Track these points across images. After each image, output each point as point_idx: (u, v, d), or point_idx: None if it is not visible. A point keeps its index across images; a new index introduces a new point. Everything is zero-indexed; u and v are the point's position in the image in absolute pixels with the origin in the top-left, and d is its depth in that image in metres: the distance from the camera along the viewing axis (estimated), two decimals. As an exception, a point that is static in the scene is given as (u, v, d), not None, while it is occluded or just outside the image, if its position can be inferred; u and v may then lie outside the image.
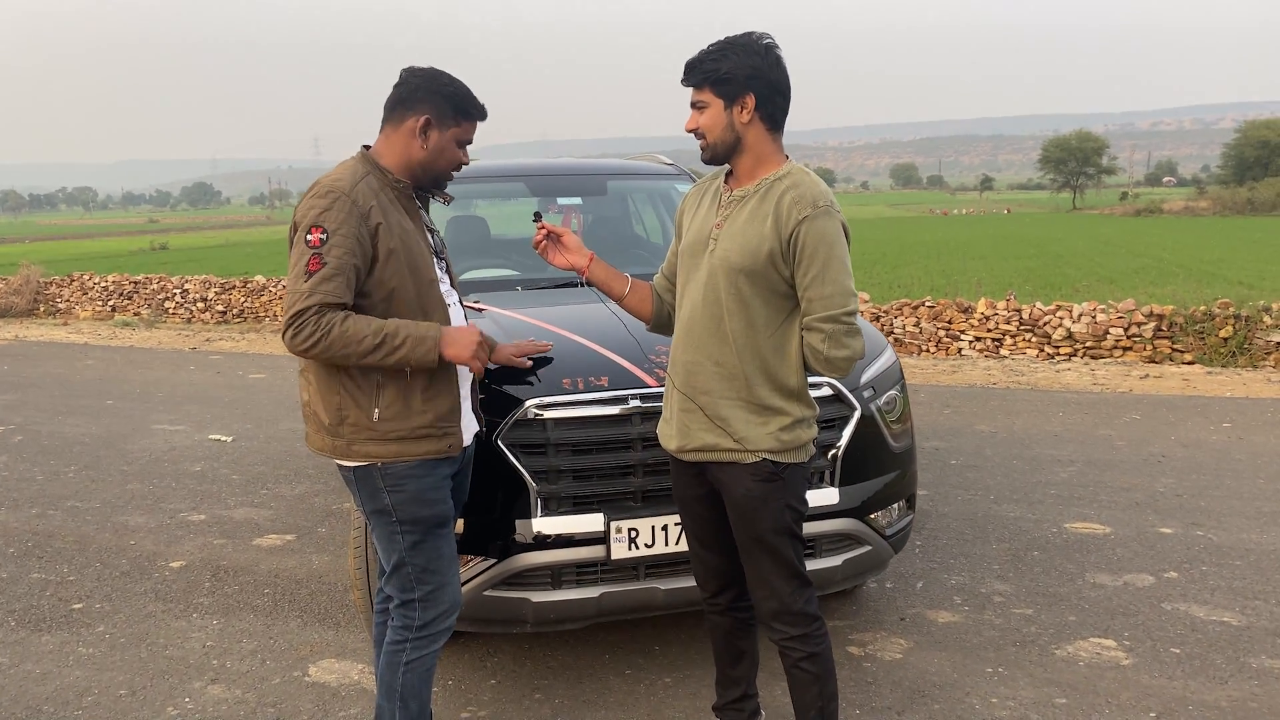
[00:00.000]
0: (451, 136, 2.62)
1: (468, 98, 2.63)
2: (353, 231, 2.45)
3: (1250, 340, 9.64)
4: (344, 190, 2.48)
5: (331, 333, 2.39)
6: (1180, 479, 5.74)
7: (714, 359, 2.56)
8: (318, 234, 2.43)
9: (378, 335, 2.42)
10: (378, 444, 2.54)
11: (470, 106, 2.64)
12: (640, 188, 5.55)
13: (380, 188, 2.56)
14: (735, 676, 2.97)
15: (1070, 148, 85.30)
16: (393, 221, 2.53)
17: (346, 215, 2.45)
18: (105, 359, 11.86)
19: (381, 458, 2.54)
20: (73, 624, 4.12)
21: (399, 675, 2.66)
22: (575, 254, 2.85)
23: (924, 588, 4.28)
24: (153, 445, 7.19)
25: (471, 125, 2.67)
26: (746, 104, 2.49)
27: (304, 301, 2.40)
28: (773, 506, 2.57)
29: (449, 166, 2.67)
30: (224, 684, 3.58)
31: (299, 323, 2.40)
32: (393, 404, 2.53)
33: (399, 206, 2.59)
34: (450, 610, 2.70)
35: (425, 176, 2.66)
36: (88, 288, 17.42)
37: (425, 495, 2.59)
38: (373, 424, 2.53)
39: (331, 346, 2.40)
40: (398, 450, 2.54)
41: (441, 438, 2.59)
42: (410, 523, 2.59)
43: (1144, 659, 3.58)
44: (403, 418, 2.53)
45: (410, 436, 2.54)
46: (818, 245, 2.45)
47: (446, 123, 2.60)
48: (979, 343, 10.82)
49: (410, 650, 2.66)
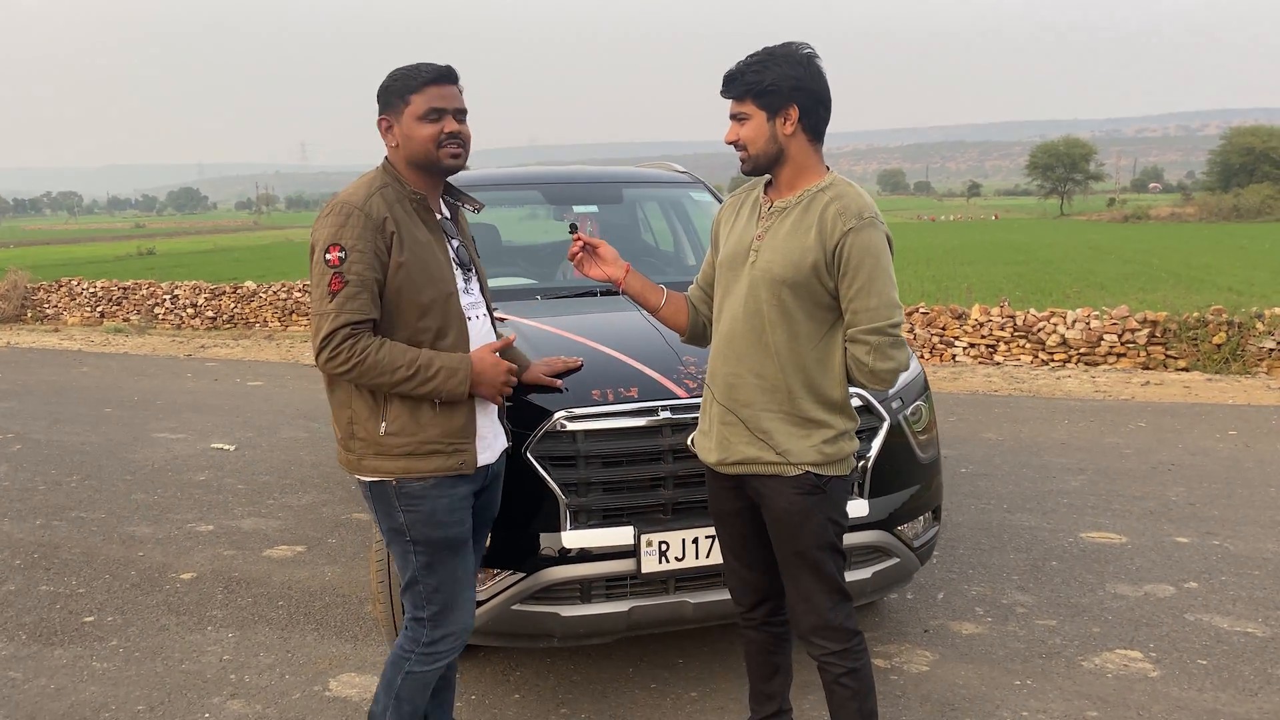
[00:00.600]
0: (409, 118, 2.51)
1: (405, 75, 2.52)
2: (370, 245, 2.43)
3: (1243, 347, 9.69)
4: (357, 204, 2.46)
5: (367, 360, 2.40)
6: (1191, 488, 5.74)
7: (756, 371, 2.53)
8: (336, 252, 2.42)
9: (411, 366, 2.43)
10: (385, 459, 2.51)
11: (409, 80, 2.51)
12: (655, 196, 5.52)
13: (398, 199, 2.53)
14: (769, 692, 2.94)
15: (1058, 154, 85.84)
16: (406, 233, 2.49)
17: (362, 229, 2.43)
18: (100, 366, 11.76)
19: (391, 474, 2.51)
20: (85, 638, 4.06)
21: (399, 678, 2.65)
22: (611, 266, 2.83)
23: (945, 599, 4.26)
24: (155, 454, 7.12)
25: (423, 95, 2.50)
26: (790, 116, 2.46)
27: (332, 323, 2.40)
28: (816, 520, 2.54)
29: (428, 145, 2.52)
30: (244, 699, 3.52)
31: (332, 346, 2.40)
32: (399, 418, 2.50)
33: (416, 218, 2.55)
34: (459, 633, 2.67)
35: (426, 169, 2.57)
36: (76, 293, 17.28)
37: (439, 517, 2.55)
38: (380, 439, 2.50)
39: (367, 373, 2.42)
40: (405, 466, 2.50)
41: (451, 454, 2.54)
42: (423, 543, 2.56)
43: (1171, 671, 3.56)
44: (409, 432, 2.50)
45: (417, 452, 2.51)
46: (863, 257, 2.42)
47: (397, 109, 2.53)
48: (973, 349, 10.85)
49: (415, 662, 2.64)
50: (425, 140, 2.52)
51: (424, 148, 2.52)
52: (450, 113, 2.53)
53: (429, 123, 2.51)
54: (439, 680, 2.79)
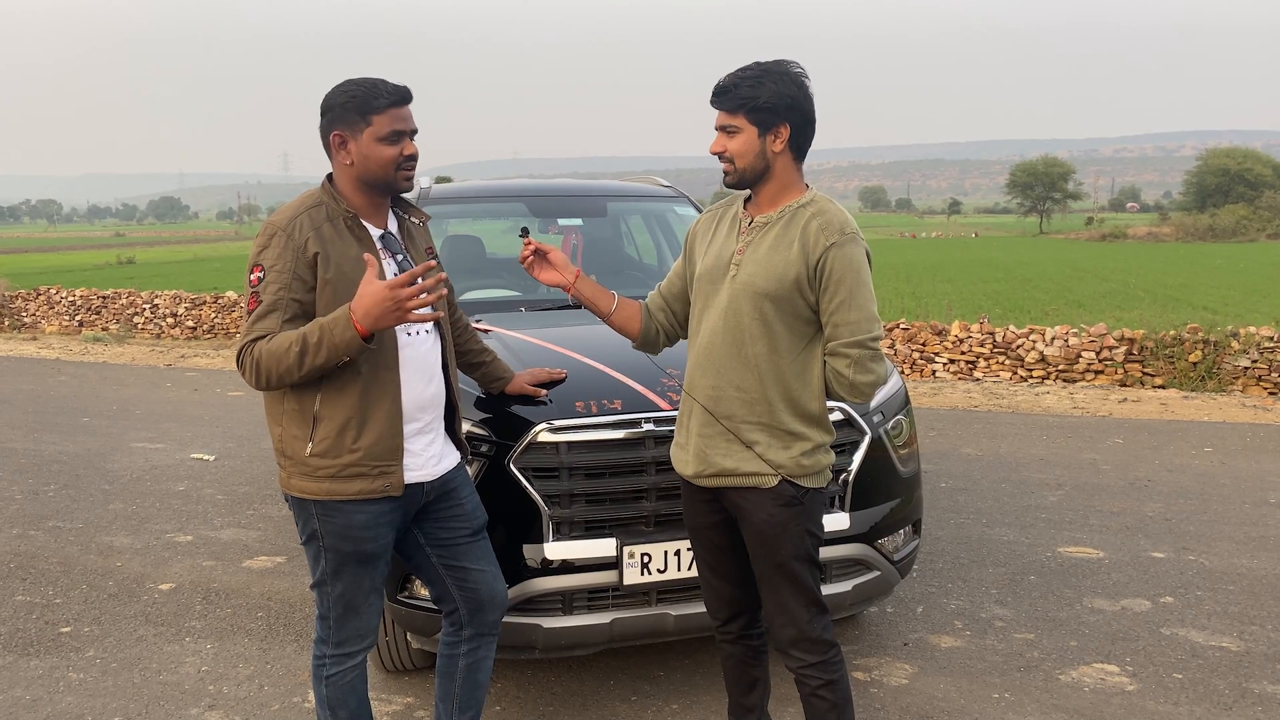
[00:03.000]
0: (369, 138, 2.47)
1: (365, 93, 2.47)
2: (288, 266, 2.43)
3: (1219, 365, 9.81)
4: (280, 226, 2.47)
5: (261, 358, 2.39)
6: (1168, 503, 5.80)
7: (735, 384, 2.55)
8: (257, 272, 2.46)
9: (298, 341, 2.37)
10: (310, 480, 2.52)
11: (371, 99, 2.47)
12: (639, 209, 5.55)
13: (328, 217, 2.51)
14: (748, 705, 2.95)
15: (1037, 173, 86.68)
16: (332, 252, 2.47)
17: (282, 250, 2.44)
18: (78, 375, 11.67)
19: (315, 495, 2.52)
20: (61, 648, 4.03)
21: (323, 688, 2.68)
22: (561, 270, 2.82)
23: (924, 612, 4.29)
24: (133, 464, 7.07)
25: (385, 116, 2.47)
26: (781, 134, 2.49)
27: (241, 340, 2.44)
28: (794, 532, 2.56)
29: (387, 167, 2.50)
30: (222, 710, 3.50)
31: (240, 359, 2.44)
32: (325, 439, 2.49)
33: (349, 235, 2.52)
34: (362, 637, 2.69)
35: (375, 188, 2.55)
36: (54, 302, 17.15)
37: (354, 532, 2.55)
38: (305, 459, 2.51)
39: (270, 371, 2.40)
40: (329, 489, 2.51)
41: (376, 477, 2.53)
42: (334, 551, 2.57)
43: (1148, 685, 3.60)
44: (333, 454, 2.49)
45: (340, 475, 2.50)
46: (845, 272, 2.46)
47: (356, 127, 2.48)
48: (953, 365, 10.94)
49: (330, 666, 2.67)
50: (386, 162, 2.50)
51: (384, 170, 2.51)
52: (408, 134, 2.54)
53: (389, 145, 2.50)
54: (458, 683, 2.84)
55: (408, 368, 2.59)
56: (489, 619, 2.84)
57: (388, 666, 3.69)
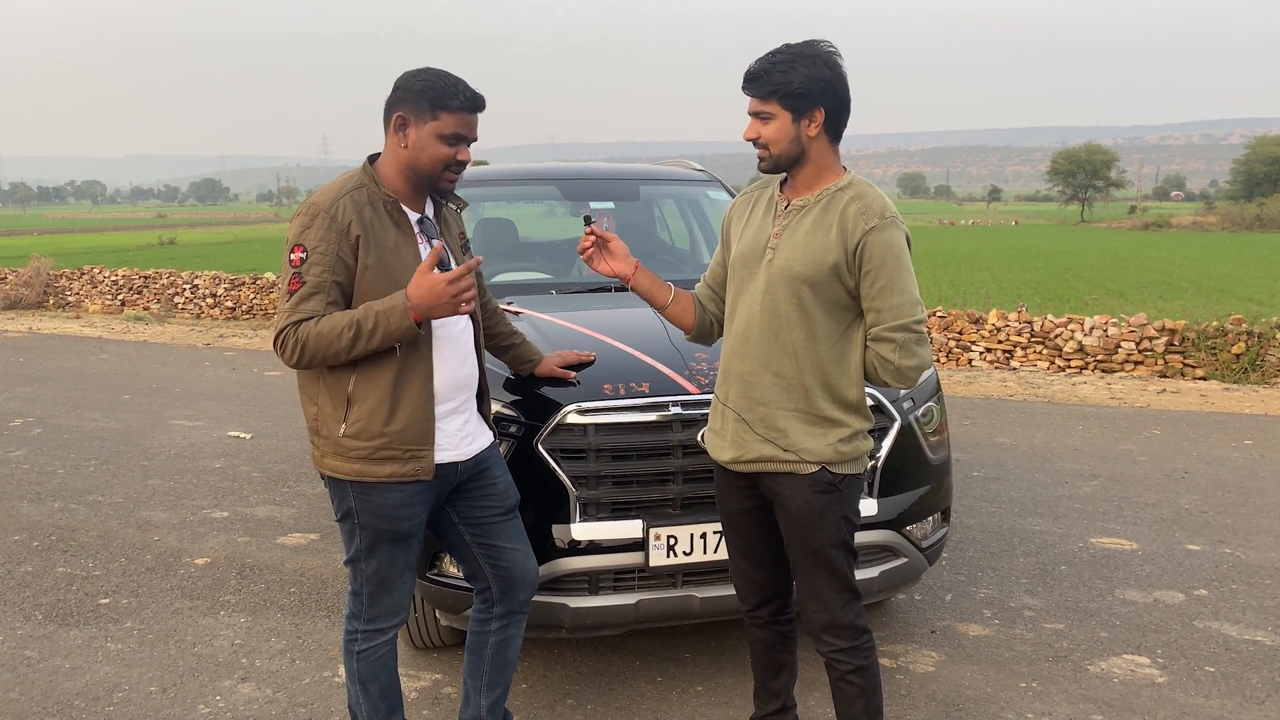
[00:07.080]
0: (431, 132, 2.49)
1: (443, 88, 2.48)
2: (331, 249, 2.45)
3: (1262, 357, 9.63)
4: (323, 207, 2.47)
5: (309, 339, 2.42)
6: (1205, 496, 5.72)
7: (772, 370, 2.53)
8: (299, 253, 2.46)
9: (351, 325, 2.41)
10: (343, 460, 2.55)
11: (446, 97, 2.48)
12: (672, 193, 5.54)
13: (369, 200, 2.53)
14: (775, 689, 2.95)
15: (1079, 160, 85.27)
16: (372, 237, 2.49)
17: (325, 232, 2.45)
18: (119, 354, 11.87)
19: (347, 475, 2.55)
20: (100, 619, 4.12)
21: (354, 663, 2.72)
22: (621, 261, 2.82)
23: (953, 600, 4.27)
24: (172, 441, 7.19)
25: (454, 118, 2.50)
26: (816, 118, 2.46)
27: (284, 320, 2.45)
28: (830, 519, 2.55)
29: (436, 165, 2.53)
30: (254, 683, 3.57)
31: (281, 340, 2.45)
32: (359, 420, 2.52)
33: (387, 220, 2.54)
34: (394, 614, 2.72)
35: (419, 179, 2.57)
36: (97, 281, 17.42)
37: (388, 511, 2.58)
38: (338, 440, 2.54)
39: (316, 354, 2.43)
40: (360, 470, 2.54)
41: (407, 460, 2.56)
42: (369, 530, 2.61)
43: (1179, 677, 3.56)
44: (366, 436, 2.52)
45: (372, 457, 2.53)
46: (885, 255, 2.43)
47: (423, 116, 2.49)
48: (989, 354, 10.82)
49: (361, 641, 2.71)
50: (438, 160, 2.53)
51: (433, 166, 2.53)
52: (467, 141, 2.56)
53: (448, 145, 2.52)
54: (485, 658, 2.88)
55: (444, 348, 2.62)
56: (520, 597, 2.87)
57: (416, 643, 3.74)
